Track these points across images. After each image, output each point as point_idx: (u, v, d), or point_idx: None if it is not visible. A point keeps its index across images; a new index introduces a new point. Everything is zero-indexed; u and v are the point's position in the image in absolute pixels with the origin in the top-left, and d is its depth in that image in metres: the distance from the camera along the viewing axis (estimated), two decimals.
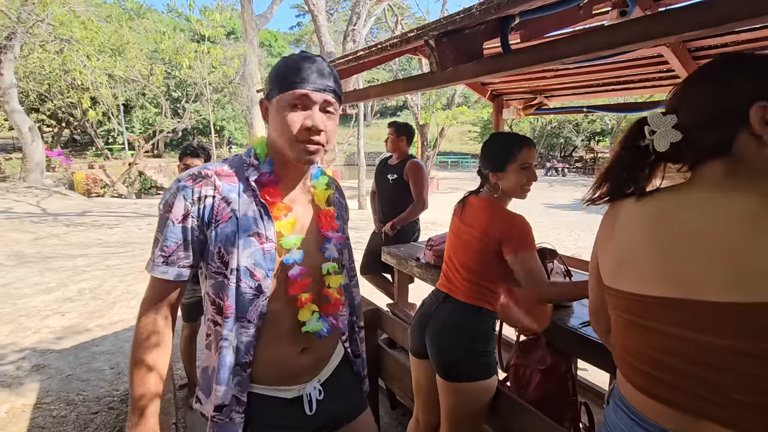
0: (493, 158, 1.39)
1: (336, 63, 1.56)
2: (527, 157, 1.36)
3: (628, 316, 0.71)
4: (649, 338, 0.67)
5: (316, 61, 0.86)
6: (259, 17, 11.71)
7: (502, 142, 1.41)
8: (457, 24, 0.96)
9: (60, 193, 11.24)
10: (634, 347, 0.71)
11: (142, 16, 18.29)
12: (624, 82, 2.47)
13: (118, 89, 14.90)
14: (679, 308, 0.62)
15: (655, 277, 0.65)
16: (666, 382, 0.65)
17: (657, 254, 0.65)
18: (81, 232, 7.47)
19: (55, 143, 20.91)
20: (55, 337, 3.36)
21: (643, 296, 0.67)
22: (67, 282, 4.72)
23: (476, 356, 1.33)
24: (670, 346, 0.64)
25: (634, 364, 0.71)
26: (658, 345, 0.66)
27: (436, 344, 1.38)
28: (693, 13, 0.70)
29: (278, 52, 35.37)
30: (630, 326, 0.71)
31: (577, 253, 6.35)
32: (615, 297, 0.74)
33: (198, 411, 0.97)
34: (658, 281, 0.64)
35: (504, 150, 1.37)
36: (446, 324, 1.39)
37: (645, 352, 0.68)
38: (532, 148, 1.38)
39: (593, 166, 24.79)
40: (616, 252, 0.73)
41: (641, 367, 0.69)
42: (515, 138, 1.39)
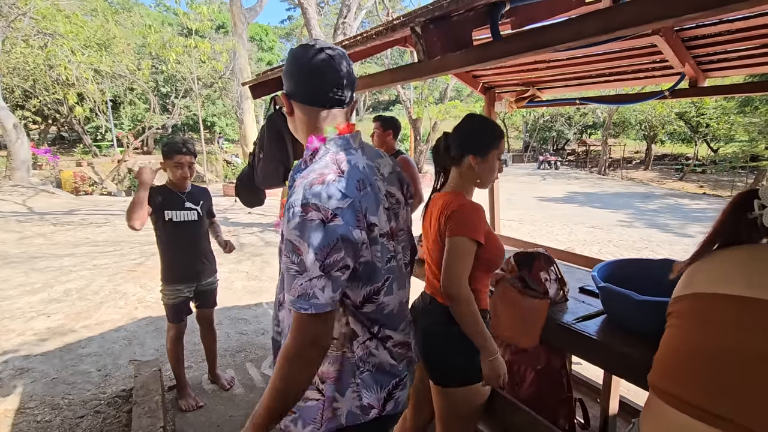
0: (477, 141, 1.32)
1: None
2: (503, 147, 1.36)
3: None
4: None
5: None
6: (249, 11, 11.53)
7: (488, 127, 1.35)
8: (444, 9, 0.91)
9: (47, 192, 11.02)
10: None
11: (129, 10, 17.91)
12: (617, 73, 2.44)
13: (105, 85, 14.62)
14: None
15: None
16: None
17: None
18: (68, 231, 7.34)
19: (41, 141, 20.51)
20: (39, 340, 3.29)
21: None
22: (53, 282, 4.62)
23: (464, 361, 1.27)
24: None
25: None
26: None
27: (425, 349, 1.34)
28: None
29: (269, 47, 34.92)
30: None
31: (570, 247, 6.37)
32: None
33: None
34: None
35: (489, 135, 1.32)
36: (433, 329, 1.34)
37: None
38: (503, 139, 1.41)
39: (585, 159, 24.93)
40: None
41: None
42: (497, 126, 1.36)
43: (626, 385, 2.03)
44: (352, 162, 0.89)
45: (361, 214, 0.85)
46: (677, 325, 0.75)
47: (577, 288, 1.86)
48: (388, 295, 0.94)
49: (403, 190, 1.03)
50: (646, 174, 20.56)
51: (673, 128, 20.44)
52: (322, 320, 0.82)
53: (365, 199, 0.86)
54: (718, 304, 0.68)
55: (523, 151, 29.00)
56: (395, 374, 0.98)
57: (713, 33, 1.82)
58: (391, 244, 0.95)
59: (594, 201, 12.27)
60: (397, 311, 0.99)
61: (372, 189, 0.90)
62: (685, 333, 0.72)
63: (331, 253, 0.79)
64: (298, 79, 0.91)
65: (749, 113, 15.59)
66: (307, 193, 0.81)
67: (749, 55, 1.94)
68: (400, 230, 1.00)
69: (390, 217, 0.95)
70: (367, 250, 0.87)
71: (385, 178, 0.97)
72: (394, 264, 0.96)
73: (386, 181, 0.97)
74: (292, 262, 0.80)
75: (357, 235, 0.83)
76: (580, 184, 16.68)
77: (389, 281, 0.94)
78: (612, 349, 1.35)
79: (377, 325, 0.95)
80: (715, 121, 16.74)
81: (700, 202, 12.83)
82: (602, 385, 2.06)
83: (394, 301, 0.97)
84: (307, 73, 0.89)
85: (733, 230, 0.77)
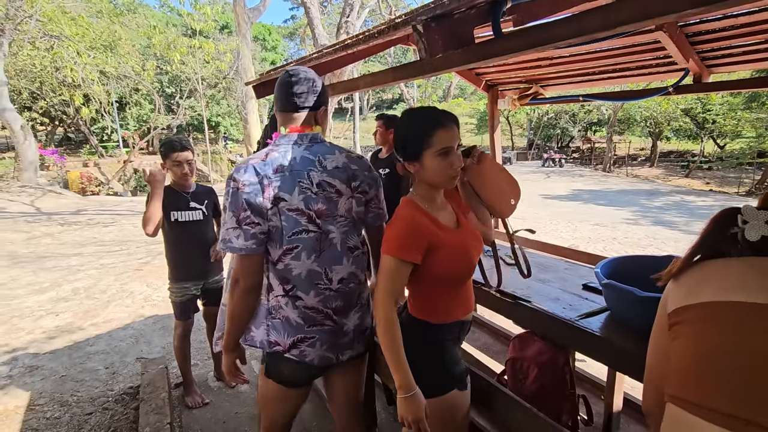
0: (403, 147, 1.16)
1: (324, 53, 1.51)
2: (444, 140, 1.10)
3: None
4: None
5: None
6: (252, 10, 11.56)
7: (411, 125, 1.15)
8: (446, 7, 0.92)
9: (54, 192, 11.14)
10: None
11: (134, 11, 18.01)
12: (620, 69, 2.43)
13: (110, 86, 14.72)
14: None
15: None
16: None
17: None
18: (75, 231, 7.41)
19: (48, 142, 20.70)
20: (48, 338, 3.33)
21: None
22: (61, 281, 4.68)
23: (421, 373, 1.14)
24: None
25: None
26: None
27: None
28: None
29: (272, 46, 34.97)
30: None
31: (574, 244, 6.35)
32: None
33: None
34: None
35: (415, 134, 1.12)
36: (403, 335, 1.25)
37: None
38: (451, 126, 1.11)
39: (590, 157, 24.77)
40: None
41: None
42: (427, 117, 1.12)
43: (630, 381, 2.03)
44: (282, 153, 1.17)
45: (270, 189, 1.13)
46: (690, 334, 0.73)
47: (580, 285, 1.86)
48: (296, 260, 1.18)
49: (351, 184, 1.23)
50: (651, 171, 20.40)
51: (679, 125, 20.24)
52: (242, 261, 1.15)
53: (277, 179, 1.14)
54: (737, 311, 0.69)
55: (527, 149, 28.86)
56: (301, 331, 1.22)
57: (717, 28, 1.81)
58: (304, 219, 1.17)
59: (599, 198, 12.20)
60: (306, 277, 1.20)
61: (291, 174, 1.15)
62: (703, 340, 0.71)
63: (240, 212, 1.11)
64: (275, 93, 1.26)
65: (756, 109, 15.43)
66: (234, 170, 1.14)
67: (754, 50, 1.93)
68: (334, 215, 1.21)
69: (314, 200, 1.17)
70: (275, 217, 1.14)
71: (325, 170, 1.20)
72: (305, 236, 1.17)
73: (326, 173, 1.20)
74: (223, 217, 1.15)
75: (260, 201, 1.12)
76: (585, 182, 16.59)
77: (298, 249, 1.17)
78: (615, 346, 1.35)
79: (290, 285, 1.20)
80: (721, 117, 16.56)
81: (707, 198, 12.71)
82: (606, 382, 2.06)
83: (302, 267, 1.19)
84: (277, 88, 1.24)
85: (714, 245, 0.79)
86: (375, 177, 1.30)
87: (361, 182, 1.25)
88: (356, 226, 1.27)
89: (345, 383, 1.39)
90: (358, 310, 1.31)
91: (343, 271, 1.23)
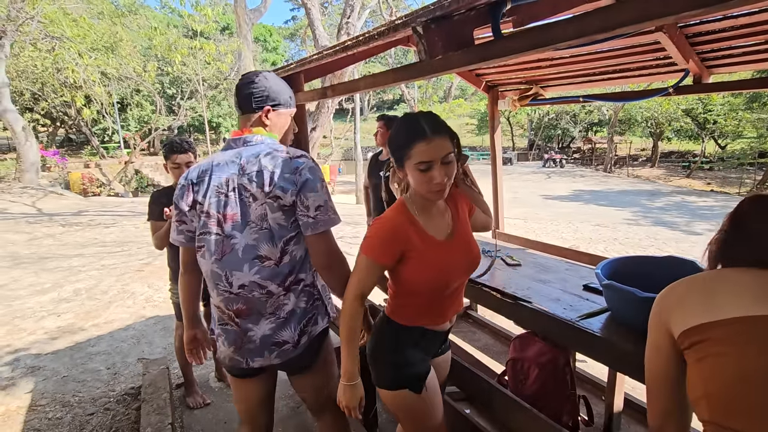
0: (392, 152, 1.14)
1: (324, 54, 1.52)
2: (423, 153, 1.03)
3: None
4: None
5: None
6: (253, 11, 11.57)
7: (396, 133, 1.10)
8: (445, 9, 0.92)
9: (56, 193, 11.16)
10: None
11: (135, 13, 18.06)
12: (621, 70, 2.43)
13: (112, 87, 14.75)
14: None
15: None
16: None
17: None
18: (77, 232, 7.43)
19: (50, 143, 20.74)
20: (50, 338, 3.34)
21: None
22: (63, 282, 4.69)
23: (379, 363, 1.23)
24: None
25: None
26: None
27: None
28: None
29: (273, 47, 35.03)
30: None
31: (575, 245, 6.34)
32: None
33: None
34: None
35: (398, 144, 1.09)
36: (375, 327, 1.33)
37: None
38: (434, 139, 1.03)
39: (591, 157, 24.75)
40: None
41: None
42: (410, 127, 1.06)
43: (631, 382, 2.03)
44: (215, 157, 1.24)
45: (190, 192, 1.22)
46: (723, 353, 0.67)
47: (581, 285, 1.86)
48: (203, 259, 1.24)
49: (264, 188, 1.16)
50: (652, 171, 20.38)
51: (680, 125, 20.22)
52: (181, 251, 1.31)
53: (198, 183, 1.22)
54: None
55: (528, 150, 28.85)
56: (216, 326, 1.31)
57: (717, 29, 1.81)
58: (211, 221, 1.20)
59: (600, 199, 12.19)
60: (210, 277, 1.24)
61: (209, 178, 1.21)
62: (741, 359, 0.65)
63: (175, 210, 1.25)
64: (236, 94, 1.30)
65: (757, 109, 15.41)
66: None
67: (755, 50, 1.93)
68: (246, 220, 1.19)
69: (226, 204, 1.18)
70: (194, 218, 1.23)
71: (244, 174, 1.18)
72: (208, 238, 1.21)
73: (245, 177, 1.18)
74: None
75: (182, 205, 1.23)
76: (586, 182, 16.58)
77: (203, 249, 1.23)
78: (616, 346, 1.35)
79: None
80: (722, 117, 16.55)
81: (708, 199, 12.70)
82: (607, 383, 2.06)
83: (206, 267, 1.24)
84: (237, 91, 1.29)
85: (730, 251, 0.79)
86: (298, 181, 1.16)
87: (274, 186, 1.15)
88: (275, 234, 1.19)
89: (254, 391, 1.38)
90: (272, 322, 1.23)
91: (243, 278, 1.19)
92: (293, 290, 1.24)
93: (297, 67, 1.86)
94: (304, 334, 1.26)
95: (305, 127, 2.34)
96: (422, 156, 1.03)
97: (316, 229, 1.17)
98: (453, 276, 1.18)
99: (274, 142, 1.25)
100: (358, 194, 11.64)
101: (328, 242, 1.20)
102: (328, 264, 1.21)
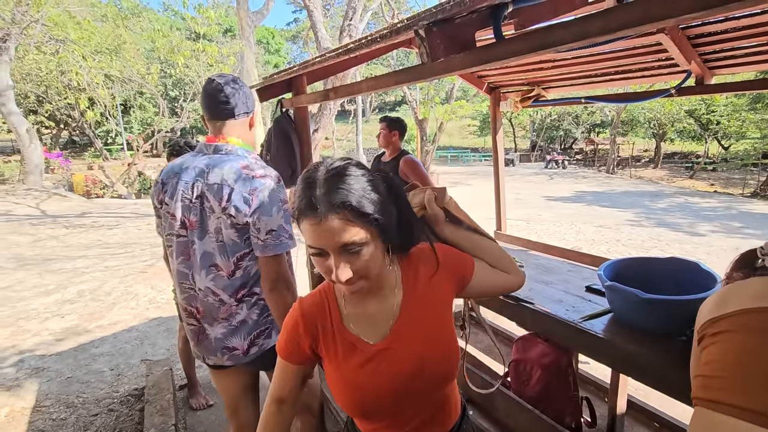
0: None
1: (326, 57, 1.53)
2: (309, 235, 0.69)
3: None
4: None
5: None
6: (255, 14, 11.62)
7: (297, 188, 0.72)
8: (447, 12, 0.93)
9: (59, 195, 11.23)
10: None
11: (138, 15, 18.17)
12: (622, 71, 2.43)
13: (115, 89, 14.83)
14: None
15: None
16: None
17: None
18: (80, 234, 7.47)
19: (53, 145, 20.87)
20: (54, 340, 3.36)
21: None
22: (67, 284, 4.71)
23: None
24: None
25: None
26: None
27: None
28: None
29: (275, 49, 35.16)
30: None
31: (577, 246, 6.34)
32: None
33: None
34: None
35: (294, 202, 0.73)
36: None
37: None
38: (326, 221, 0.66)
39: (593, 158, 24.70)
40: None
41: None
42: (303, 190, 0.70)
43: (634, 384, 2.03)
44: (183, 160, 1.27)
45: (161, 192, 1.26)
46: (720, 341, 0.77)
47: (583, 287, 1.86)
48: (171, 258, 1.29)
49: (222, 203, 1.17)
50: (655, 172, 20.32)
51: (683, 126, 20.16)
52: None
53: (168, 184, 1.25)
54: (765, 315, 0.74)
55: (530, 151, 28.82)
56: (183, 320, 1.35)
57: (719, 30, 1.81)
58: (177, 224, 1.23)
59: (602, 200, 12.16)
60: (176, 276, 1.29)
61: (177, 182, 1.23)
62: (734, 344, 0.75)
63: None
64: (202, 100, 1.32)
65: (761, 110, 15.35)
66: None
67: (757, 51, 1.92)
68: (205, 229, 1.22)
69: (189, 210, 1.22)
70: (163, 217, 1.28)
71: (206, 184, 1.20)
72: (176, 239, 1.26)
73: (207, 187, 1.20)
74: None
75: (154, 202, 1.30)
76: (588, 183, 16.54)
77: (171, 248, 1.28)
78: (618, 348, 1.35)
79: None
80: (725, 118, 16.49)
81: (711, 200, 12.64)
82: (610, 384, 2.06)
83: (174, 266, 1.29)
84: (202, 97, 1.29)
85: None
86: (253, 203, 1.14)
87: (230, 204, 1.15)
88: (228, 250, 1.20)
89: (229, 385, 1.42)
90: (224, 327, 1.26)
91: (200, 282, 1.24)
92: (245, 302, 1.26)
93: (299, 69, 1.87)
94: (254, 345, 1.29)
95: (308, 129, 2.36)
96: (309, 238, 0.69)
97: (265, 252, 1.17)
98: (385, 397, 0.78)
99: (245, 154, 1.25)
100: None
101: (276, 266, 1.19)
102: (272, 288, 1.20)
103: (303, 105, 2.25)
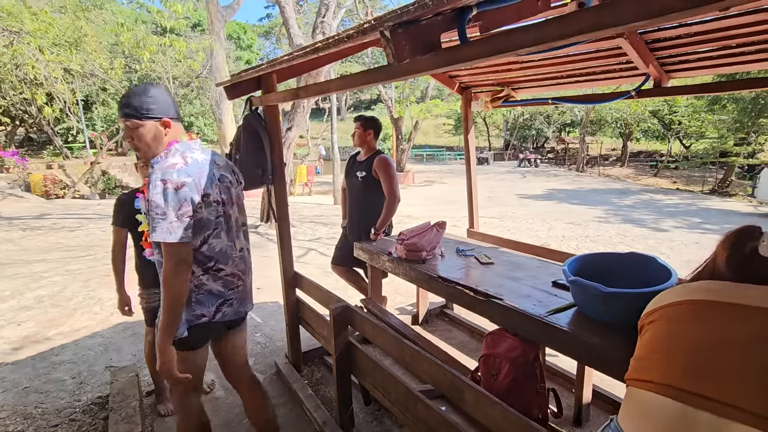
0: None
1: (295, 56, 1.51)
2: None
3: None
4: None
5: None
6: (226, 9, 11.32)
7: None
8: (412, 14, 0.94)
9: (15, 196, 10.61)
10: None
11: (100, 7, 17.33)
12: (587, 73, 2.52)
13: (76, 84, 14.11)
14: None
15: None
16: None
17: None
18: (39, 236, 7.08)
19: (8, 143, 19.67)
20: (10, 349, 3.17)
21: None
22: (23, 289, 4.46)
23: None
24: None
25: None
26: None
27: None
28: (637, 3, 0.70)
29: (247, 45, 34.37)
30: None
31: (546, 243, 6.52)
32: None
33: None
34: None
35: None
36: None
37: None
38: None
39: (564, 157, 25.47)
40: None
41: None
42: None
43: (599, 374, 2.11)
44: (193, 156, 1.45)
45: (199, 187, 1.41)
46: (650, 329, 0.89)
47: (550, 282, 1.92)
48: (216, 239, 1.50)
49: (233, 177, 1.65)
50: (622, 171, 21.17)
51: (648, 126, 21.10)
52: (180, 247, 1.35)
53: (201, 178, 1.42)
54: (694, 306, 0.83)
55: (504, 150, 29.43)
56: (221, 296, 1.54)
57: (673, 36, 1.90)
58: (221, 207, 1.50)
59: (572, 198, 12.56)
60: (225, 250, 1.53)
61: (208, 173, 1.45)
62: (659, 332, 0.86)
63: (181, 208, 1.35)
64: (168, 101, 1.47)
65: (718, 111, 16.24)
66: (164, 174, 1.35)
67: (708, 56, 2.03)
68: (231, 201, 1.58)
69: (222, 190, 1.52)
70: (201, 210, 1.42)
71: (220, 167, 1.55)
72: (221, 220, 1.51)
73: (221, 169, 1.56)
74: (157, 213, 1.32)
75: (196, 198, 1.39)
76: (559, 181, 17.05)
77: (217, 229, 1.50)
78: (582, 340, 1.40)
79: (212, 261, 1.50)
80: (686, 118, 17.36)
81: (673, 197, 13.29)
82: (576, 376, 2.13)
83: (222, 243, 1.52)
84: (167, 98, 1.47)
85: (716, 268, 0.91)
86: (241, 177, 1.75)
87: (239, 174, 1.72)
88: (243, 208, 1.69)
89: (236, 337, 1.71)
90: (251, 273, 1.73)
91: (239, 243, 1.62)
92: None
93: (268, 67, 1.84)
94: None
95: (278, 127, 2.32)
96: None
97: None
98: None
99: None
100: (336, 195, 11.58)
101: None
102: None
103: (273, 103, 2.22)
